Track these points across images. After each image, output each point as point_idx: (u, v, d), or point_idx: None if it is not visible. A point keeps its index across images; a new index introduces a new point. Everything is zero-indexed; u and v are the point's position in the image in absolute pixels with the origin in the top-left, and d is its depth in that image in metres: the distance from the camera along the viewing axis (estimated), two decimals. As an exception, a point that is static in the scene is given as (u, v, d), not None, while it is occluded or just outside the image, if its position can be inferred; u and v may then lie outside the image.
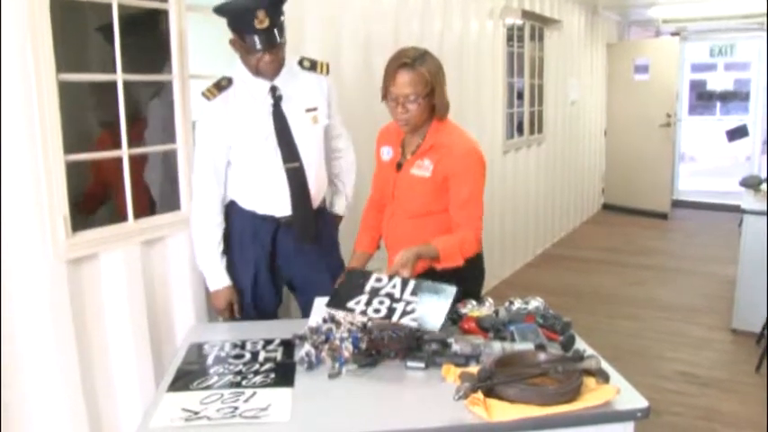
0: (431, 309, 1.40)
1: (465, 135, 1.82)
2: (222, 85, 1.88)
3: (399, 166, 1.85)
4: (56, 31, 1.63)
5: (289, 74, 1.91)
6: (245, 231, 1.97)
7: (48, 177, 1.65)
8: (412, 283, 1.46)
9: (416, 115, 1.73)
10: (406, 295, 1.43)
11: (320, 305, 1.85)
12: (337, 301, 1.37)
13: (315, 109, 1.95)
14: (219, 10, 1.79)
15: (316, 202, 1.98)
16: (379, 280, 1.44)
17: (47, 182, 1.65)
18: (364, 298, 1.38)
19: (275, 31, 1.76)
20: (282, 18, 1.81)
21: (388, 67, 1.73)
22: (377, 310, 1.36)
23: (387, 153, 1.90)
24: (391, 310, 1.36)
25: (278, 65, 1.85)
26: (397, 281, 1.45)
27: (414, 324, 1.35)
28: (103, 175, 2.24)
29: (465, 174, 1.75)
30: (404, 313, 1.36)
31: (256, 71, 1.84)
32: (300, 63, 1.97)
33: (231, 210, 1.98)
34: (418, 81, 1.69)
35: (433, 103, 1.74)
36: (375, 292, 1.40)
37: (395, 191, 1.87)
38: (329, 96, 2.00)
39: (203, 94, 1.89)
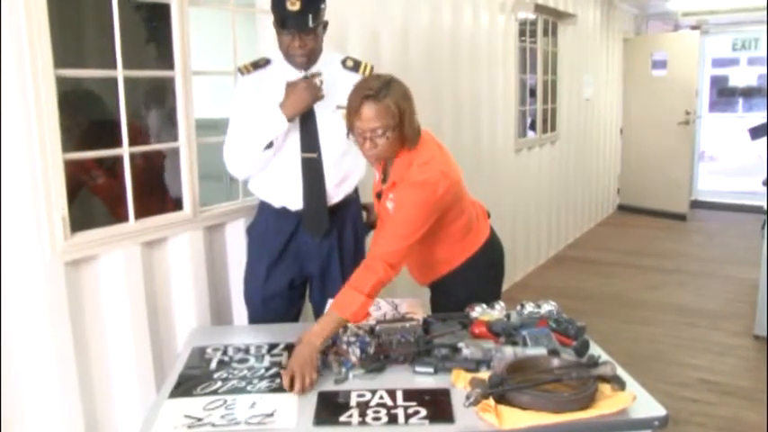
0: (435, 406, 1.36)
1: (428, 163, 1.66)
2: (259, 64, 1.96)
3: (379, 196, 1.81)
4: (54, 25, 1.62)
5: (325, 67, 1.92)
6: (269, 226, 1.99)
7: (45, 176, 1.63)
8: (400, 394, 1.40)
9: (386, 149, 1.64)
10: (400, 401, 1.37)
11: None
12: (326, 419, 1.32)
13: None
14: None
15: (334, 198, 1.97)
16: (361, 395, 1.40)
17: (44, 181, 1.63)
18: (355, 411, 1.34)
19: (308, 16, 1.78)
20: (321, 7, 1.82)
21: (350, 100, 1.62)
22: (376, 418, 1.31)
23: (375, 174, 1.87)
24: (392, 416, 1.32)
25: (308, 52, 1.86)
26: (383, 393, 1.40)
27: (426, 422, 1.30)
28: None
29: (404, 203, 1.66)
30: (408, 417, 1.31)
31: (286, 55, 1.88)
32: (344, 62, 1.98)
33: (258, 208, 2.04)
34: (385, 113, 1.59)
35: (404, 133, 1.63)
36: (365, 407, 1.35)
37: (380, 216, 1.84)
38: None
39: (239, 68, 1.97)
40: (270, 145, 1.87)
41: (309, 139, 1.91)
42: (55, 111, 1.63)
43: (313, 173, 1.92)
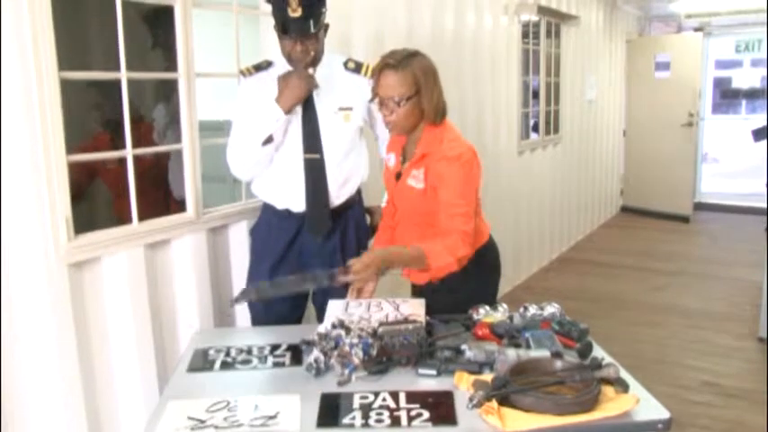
0: (438, 408, 1.35)
1: (457, 140, 1.75)
2: (261, 66, 1.99)
3: (398, 176, 1.82)
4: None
5: (328, 69, 1.94)
6: (271, 228, 2.00)
7: (49, 178, 1.63)
8: (403, 396, 1.40)
9: (402, 118, 1.69)
10: (403, 403, 1.37)
11: (334, 309, 1.81)
12: (329, 421, 1.32)
13: (349, 109, 1.96)
14: None
15: (337, 199, 1.98)
16: (364, 397, 1.40)
17: (48, 183, 1.63)
18: (358, 414, 1.34)
19: (310, 21, 1.80)
20: (322, 11, 1.84)
21: (374, 68, 1.72)
22: (379, 421, 1.31)
23: (391, 160, 1.88)
24: (395, 419, 1.32)
25: (310, 57, 1.88)
26: (386, 395, 1.41)
27: (429, 424, 1.30)
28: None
29: (449, 179, 1.69)
30: (411, 419, 1.31)
31: (289, 59, 1.90)
32: (345, 64, 2.01)
33: (261, 209, 2.06)
34: (402, 83, 1.66)
35: (422, 106, 1.70)
36: (367, 409, 1.35)
37: (395, 200, 1.85)
38: (368, 98, 1.98)
39: (241, 70, 2.01)
40: (268, 140, 1.87)
41: (312, 140, 1.92)
42: (59, 113, 1.63)
43: (315, 174, 1.93)
